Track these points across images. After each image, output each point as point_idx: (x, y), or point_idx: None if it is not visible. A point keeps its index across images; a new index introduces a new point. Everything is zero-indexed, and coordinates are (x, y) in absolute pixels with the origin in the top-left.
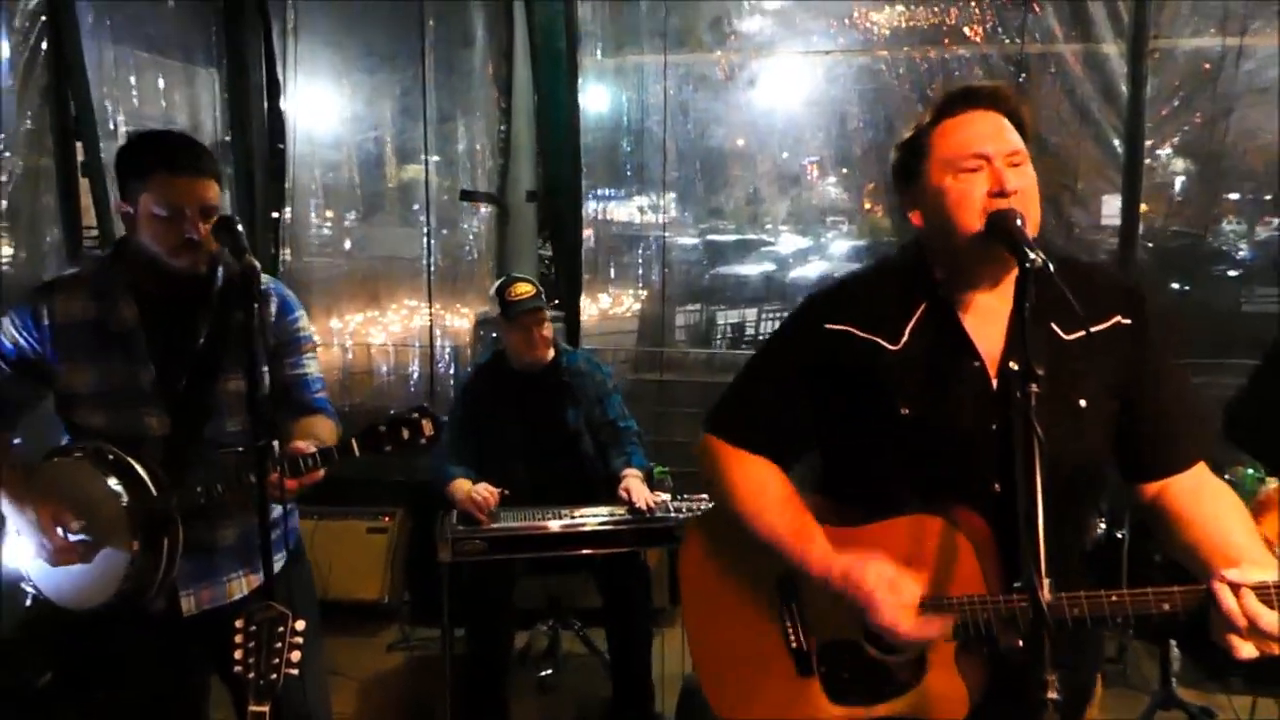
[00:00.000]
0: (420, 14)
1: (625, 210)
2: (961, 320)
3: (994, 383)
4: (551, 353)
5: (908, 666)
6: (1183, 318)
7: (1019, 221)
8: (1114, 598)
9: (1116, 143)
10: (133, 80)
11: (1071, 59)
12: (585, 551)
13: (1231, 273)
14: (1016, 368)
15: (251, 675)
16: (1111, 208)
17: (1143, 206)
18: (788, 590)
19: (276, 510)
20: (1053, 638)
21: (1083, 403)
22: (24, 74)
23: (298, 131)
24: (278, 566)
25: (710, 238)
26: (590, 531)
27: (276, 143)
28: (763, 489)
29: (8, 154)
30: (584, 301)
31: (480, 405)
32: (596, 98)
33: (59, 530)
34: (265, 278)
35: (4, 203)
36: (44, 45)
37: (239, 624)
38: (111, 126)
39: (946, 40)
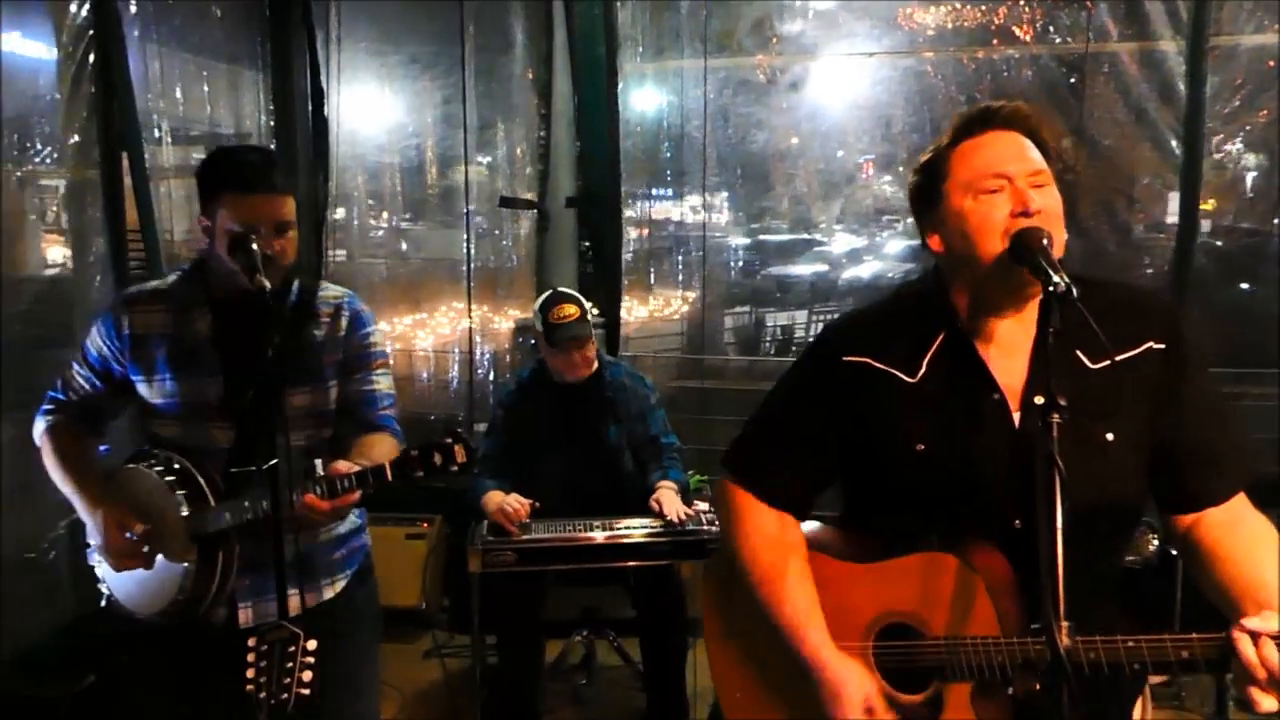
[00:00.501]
0: (460, 20)
1: (677, 210)
2: (982, 351)
3: (1015, 416)
4: (594, 367)
5: (923, 708)
6: (1244, 324)
7: (1045, 241)
8: (1130, 644)
9: (1174, 144)
10: (178, 90)
11: (1127, 58)
12: (618, 564)
13: None
14: (1041, 400)
15: (263, 695)
16: (1176, 204)
17: (1210, 203)
18: None
19: (343, 527)
20: (1071, 685)
21: (1110, 436)
22: (71, 87)
23: (340, 137)
24: (339, 586)
25: (762, 238)
26: (623, 544)
27: (320, 149)
28: (775, 553)
29: (55, 166)
30: (632, 304)
31: (520, 418)
32: (637, 103)
33: (122, 534)
34: (341, 291)
35: (52, 209)
36: (91, 57)
37: (251, 643)
38: (157, 135)
39: (995, 41)
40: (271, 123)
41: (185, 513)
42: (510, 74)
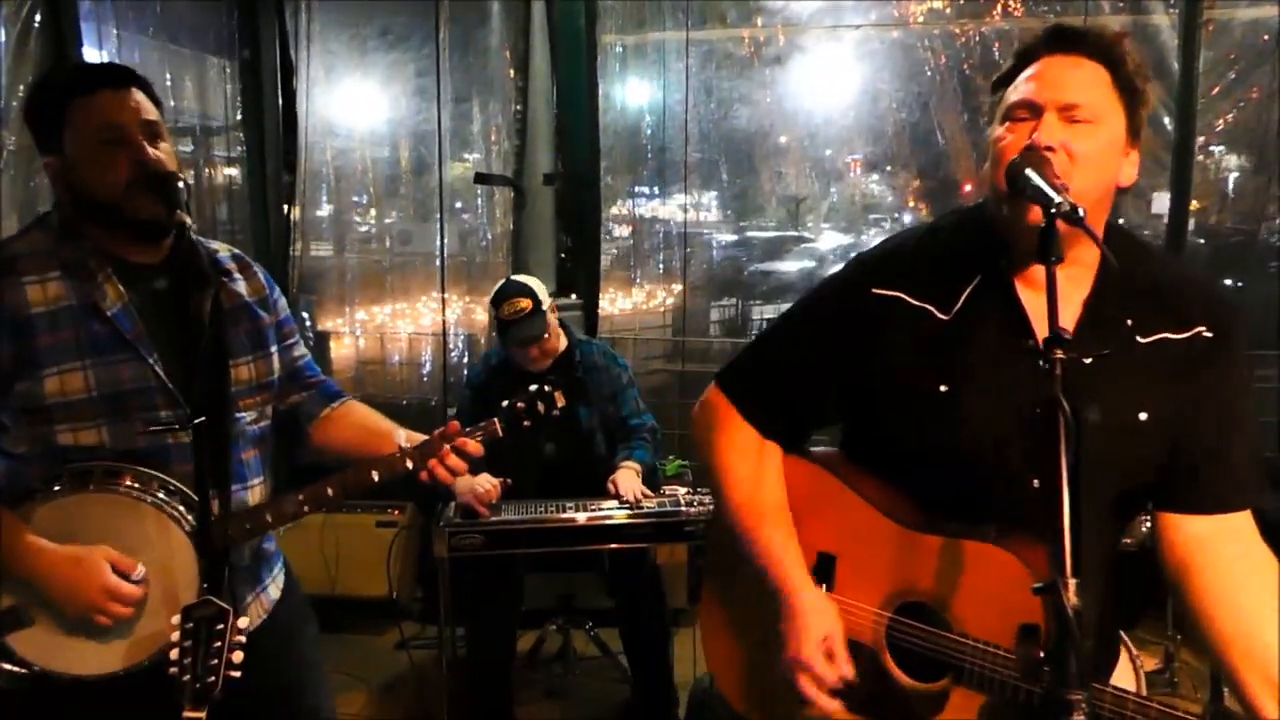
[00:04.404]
0: None
1: (666, 208)
2: (1024, 295)
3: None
4: (563, 344)
5: (923, 699)
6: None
7: (1046, 168)
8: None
9: (1167, 121)
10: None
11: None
12: (593, 547)
13: None
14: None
15: (187, 678)
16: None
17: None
18: (820, 577)
19: None
20: (1080, 649)
21: (1143, 416)
22: (16, 50)
23: (311, 117)
24: (281, 581)
25: (750, 234)
26: (599, 527)
27: (290, 129)
28: (751, 466)
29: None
30: (616, 295)
31: (489, 400)
32: (616, 78)
33: (117, 580)
34: (227, 246)
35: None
36: (36, 19)
37: (175, 620)
38: None
39: (984, 15)
40: (239, 102)
41: (188, 529)
42: (487, 46)
